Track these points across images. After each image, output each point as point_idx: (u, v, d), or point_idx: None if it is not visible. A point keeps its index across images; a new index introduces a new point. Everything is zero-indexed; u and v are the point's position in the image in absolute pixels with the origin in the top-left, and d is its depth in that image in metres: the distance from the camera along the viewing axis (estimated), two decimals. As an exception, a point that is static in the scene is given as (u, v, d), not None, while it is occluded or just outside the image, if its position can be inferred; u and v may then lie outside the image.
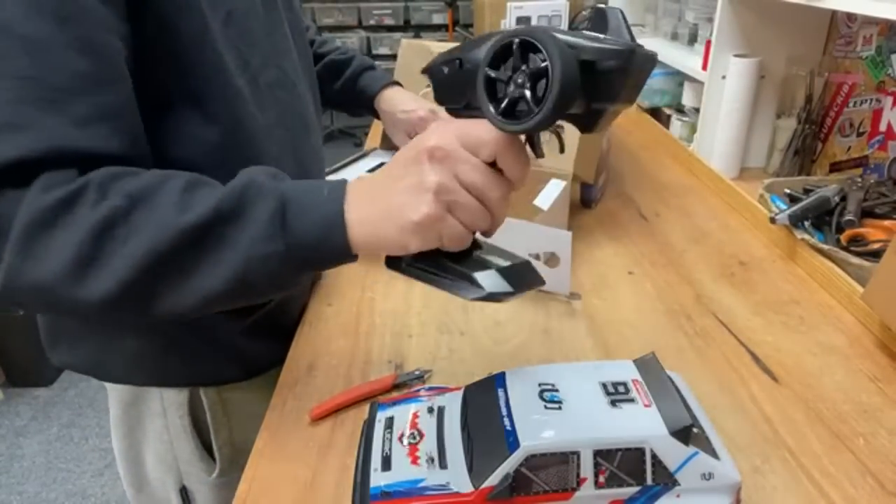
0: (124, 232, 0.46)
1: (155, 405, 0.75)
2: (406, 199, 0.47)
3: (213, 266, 0.47)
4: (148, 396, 0.75)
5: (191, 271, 0.48)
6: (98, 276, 0.46)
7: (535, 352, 0.73)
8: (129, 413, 0.76)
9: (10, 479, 1.85)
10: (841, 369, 0.68)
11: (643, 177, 1.23)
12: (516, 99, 0.44)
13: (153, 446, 0.77)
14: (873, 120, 1.19)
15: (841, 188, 0.97)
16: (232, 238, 0.47)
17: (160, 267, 0.47)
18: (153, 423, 0.76)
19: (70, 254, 0.45)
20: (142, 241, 0.46)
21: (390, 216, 0.47)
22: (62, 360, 0.74)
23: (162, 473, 0.78)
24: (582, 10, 2.19)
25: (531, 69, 0.43)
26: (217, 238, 0.47)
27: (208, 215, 0.47)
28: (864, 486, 0.55)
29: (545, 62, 0.42)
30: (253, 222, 0.48)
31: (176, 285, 0.48)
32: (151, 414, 0.75)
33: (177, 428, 0.75)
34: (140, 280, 0.47)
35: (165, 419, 0.75)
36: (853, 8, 0.89)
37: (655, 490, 0.46)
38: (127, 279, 0.46)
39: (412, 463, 0.49)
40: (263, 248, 0.47)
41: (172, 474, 0.78)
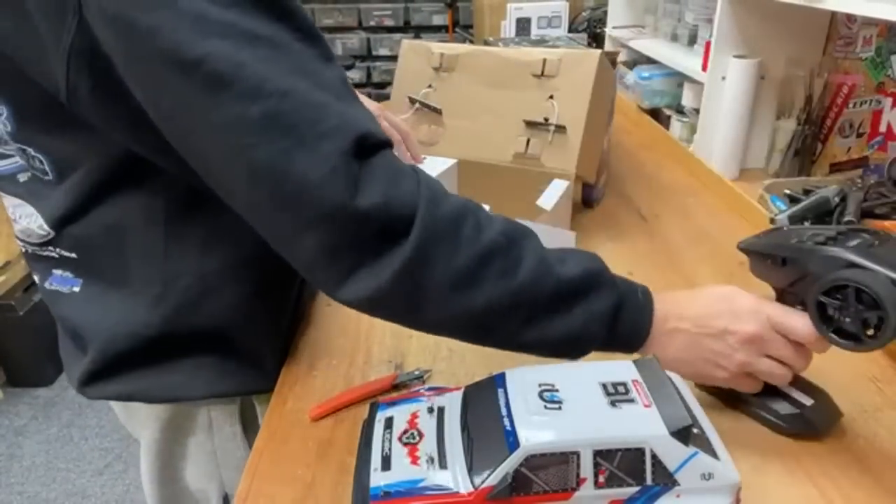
0: (503, 264, 0.51)
1: (202, 419, 0.73)
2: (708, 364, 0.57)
3: (560, 322, 0.53)
4: (195, 411, 0.73)
5: (540, 318, 0.53)
6: (469, 294, 0.51)
7: (535, 352, 0.73)
8: (167, 430, 0.74)
9: (10, 479, 1.85)
10: (841, 369, 0.68)
11: (643, 177, 1.23)
12: (847, 325, 0.50)
13: (195, 460, 0.76)
14: (873, 121, 1.20)
15: (841, 189, 0.98)
16: (582, 308, 0.54)
17: (525, 302, 0.52)
18: (197, 438, 0.74)
19: (457, 266, 0.50)
20: (519, 276, 0.51)
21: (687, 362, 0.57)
22: (105, 393, 0.69)
23: (203, 484, 0.77)
24: (582, 10, 2.19)
25: (864, 312, 0.48)
26: (578, 300, 0.53)
27: (582, 277, 0.54)
28: (864, 486, 0.55)
29: (880, 312, 0.47)
30: (598, 304, 0.54)
31: (521, 323, 0.53)
32: (197, 428, 0.74)
33: (225, 437, 0.74)
34: (500, 310, 0.52)
35: (211, 431, 0.74)
36: (853, 9, 0.89)
37: (655, 490, 0.46)
38: (491, 305, 0.51)
39: (412, 463, 0.49)
40: (594, 327, 0.54)
41: (215, 483, 0.77)
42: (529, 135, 0.97)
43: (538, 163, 0.96)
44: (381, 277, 0.49)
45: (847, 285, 0.48)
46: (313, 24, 0.52)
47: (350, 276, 0.50)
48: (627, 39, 1.72)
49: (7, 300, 2.05)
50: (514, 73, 0.99)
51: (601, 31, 1.96)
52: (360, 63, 4.31)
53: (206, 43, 0.45)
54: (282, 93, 0.47)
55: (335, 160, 0.47)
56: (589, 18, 2.13)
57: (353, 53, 4.30)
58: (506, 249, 0.52)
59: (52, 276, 0.66)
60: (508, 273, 0.51)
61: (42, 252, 0.65)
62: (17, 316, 2.05)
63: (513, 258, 0.52)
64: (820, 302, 0.51)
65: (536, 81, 0.98)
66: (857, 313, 0.48)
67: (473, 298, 0.51)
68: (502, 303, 0.51)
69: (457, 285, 0.50)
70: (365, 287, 0.50)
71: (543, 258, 0.53)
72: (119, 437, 1.96)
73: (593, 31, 2.07)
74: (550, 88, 0.97)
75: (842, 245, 0.52)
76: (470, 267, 0.50)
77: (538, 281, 0.52)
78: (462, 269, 0.50)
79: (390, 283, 0.49)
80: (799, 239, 0.55)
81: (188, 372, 0.68)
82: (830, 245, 0.52)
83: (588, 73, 0.95)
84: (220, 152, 0.49)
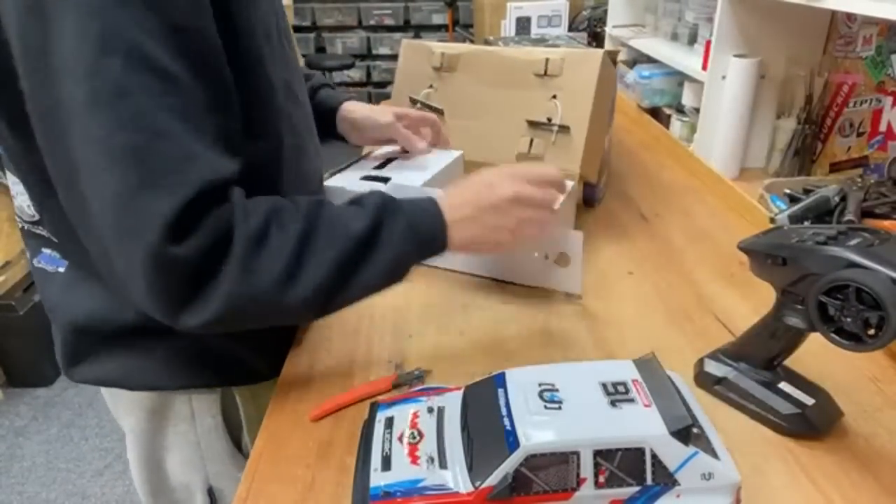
0: (314, 246, 0.57)
1: (183, 409, 0.75)
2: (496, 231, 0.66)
3: (375, 263, 0.60)
4: (176, 400, 0.74)
5: (361, 269, 0.59)
6: (301, 283, 0.56)
7: (535, 352, 0.73)
8: (151, 420, 0.75)
9: (10, 479, 1.85)
10: (841, 369, 0.68)
11: (643, 177, 1.23)
12: (848, 325, 0.50)
13: (178, 450, 0.77)
14: (873, 120, 1.19)
15: (841, 188, 0.98)
16: (387, 240, 0.60)
17: (344, 267, 0.58)
18: (178, 427, 0.76)
19: (280, 266, 0.55)
20: (331, 250, 0.58)
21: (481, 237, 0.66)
22: (85, 376, 0.72)
23: (187, 476, 0.78)
24: (582, 9, 2.19)
25: (865, 312, 0.48)
26: (378, 241, 0.60)
27: (372, 223, 0.60)
28: (864, 486, 0.55)
29: (881, 312, 0.47)
30: (397, 228, 0.61)
31: (351, 282, 0.59)
32: (178, 418, 0.75)
33: (207, 428, 0.76)
34: (330, 281, 0.58)
35: (194, 421, 0.76)
36: (853, 8, 0.89)
37: (655, 490, 0.46)
38: (322, 282, 0.57)
39: (412, 463, 0.49)
40: (405, 247, 0.61)
41: (199, 475, 0.78)
42: (532, 135, 0.97)
43: (541, 163, 0.96)
44: (212, 305, 0.54)
45: (848, 285, 0.48)
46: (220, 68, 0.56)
47: (183, 309, 0.54)
48: (627, 38, 1.72)
49: (7, 300, 2.06)
50: (517, 72, 0.99)
51: (601, 31, 1.96)
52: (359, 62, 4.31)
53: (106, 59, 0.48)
54: (153, 132, 0.50)
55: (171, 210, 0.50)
56: (589, 17, 2.13)
57: (353, 52, 4.30)
58: (310, 234, 0.57)
59: (42, 254, 0.70)
60: (320, 251, 0.57)
61: (34, 230, 0.68)
62: (18, 316, 2.05)
63: (319, 238, 0.58)
64: (821, 302, 0.51)
65: (539, 81, 0.98)
66: (858, 313, 0.48)
67: (304, 287, 0.56)
68: (328, 276, 0.57)
69: (284, 284, 0.56)
70: (200, 316, 0.54)
71: (340, 223, 0.60)
72: (119, 437, 1.96)
73: (593, 31, 2.07)
74: (553, 88, 0.97)
75: (842, 245, 0.52)
76: (288, 264, 0.56)
77: (345, 244, 0.58)
78: (282, 269, 0.55)
79: (223, 306, 0.54)
80: (799, 238, 0.55)
81: (164, 361, 0.71)
82: (831, 244, 0.52)
83: (591, 73, 0.94)
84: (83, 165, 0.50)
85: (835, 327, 0.51)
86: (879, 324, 0.47)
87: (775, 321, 0.59)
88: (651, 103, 1.59)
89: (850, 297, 0.48)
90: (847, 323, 0.49)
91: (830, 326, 0.51)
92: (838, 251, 0.51)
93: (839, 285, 0.49)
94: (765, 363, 0.62)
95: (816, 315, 0.51)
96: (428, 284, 0.86)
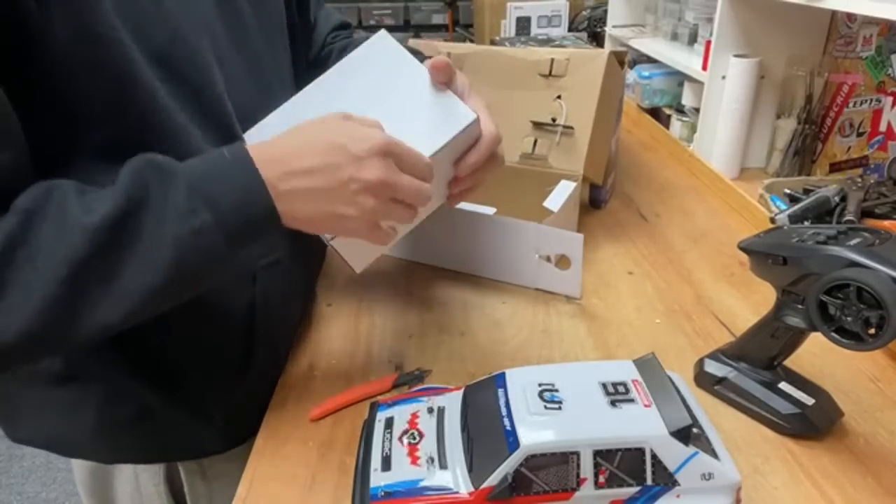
0: (27, 252, 0.42)
1: (125, 472, 0.69)
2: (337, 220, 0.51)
3: (141, 259, 0.44)
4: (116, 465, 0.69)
5: (117, 272, 0.44)
6: (9, 308, 0.41)
7: (535, 352, 0.73)
8: (95, 476, 0.70)
9: (10, 479, 1.85)
10: (841, 369, 0.68)
11: (643, 177, 1.23)
12: (849, 324, 0.50)
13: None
14: (873, 120, 1.19)
15: (841, 188, 0.98)
16: (152, 223, 0.44)
17: (80, 277, 0.42)
18: (123, 488, 0.70)
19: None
20: (53, 256, 0.42)
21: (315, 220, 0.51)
22: (19, 436, 0.65)
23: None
24: (582, 9, 2.19)
25: (866, 311, 0.48)
26: (135, 228, 0.44)
27: (119, 207, 0.43)
28: (864, 486, 0.55)
29: (881, 312, 0.47)
30: (170, 200, 0.44)
31: (103, 293, 0.44)
32: (121, 479, 0.70)
33: (150, 495, 0.70)
34: (60, 299, 0.42)
35: (137, 482, 0.69)
36: (853, 8, 0.89)
37: (655, 490, 0.46)
38: (45, 302, 0.42)
39: (412, 463, 0.49)
40: (189, 223, 0.44)
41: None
42: (537, 135, 0.97)
43: (545, 163, 0.96)
44: None
45: (849, 284, 0.48)
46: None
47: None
48: (627, 38, 1.72)
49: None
50: (522, 73, 0.99)
51: (601, 31, 1.96)
52: (359, 62, 4.31)
53: None
54: None
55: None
56: (589, 17, 2.12)
57: (353, 52, 4.30)
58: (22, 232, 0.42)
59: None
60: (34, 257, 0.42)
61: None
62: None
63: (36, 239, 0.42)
64: (821, 301, 0.51)
65: (544, 81, 0.98)
66: (859, 312, 0.48)
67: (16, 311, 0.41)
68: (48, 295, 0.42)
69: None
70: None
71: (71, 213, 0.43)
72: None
73: (593, 31, 2.07)
74: (558, 88, 0.96)
75: (842, 244, 0.52)
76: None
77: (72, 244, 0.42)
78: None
79: None
80: (799, 238, 0.55)
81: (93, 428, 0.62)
82: (831, 244, 0.52)
83: (596, 73, 0.94)
84: None
85: (835, 327, 0.51)
86: (880, 323, 0.47)
87: (775, 321, 0.59)
88: (651, 103, 1.59)
89: (850, 296, 0.48)
90: (847, 322, 0.49)
91: (831, 326, 0.51)
92: (838, 251, 0.51)
93: (840, 284, 0.49)
94: (765, 363, 0.62)
95: (817, 314, 0.51)
96: (428, 284, 0.86)
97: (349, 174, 0.49)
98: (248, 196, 0.46)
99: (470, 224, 0.84)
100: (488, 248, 0.85)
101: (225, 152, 0.48)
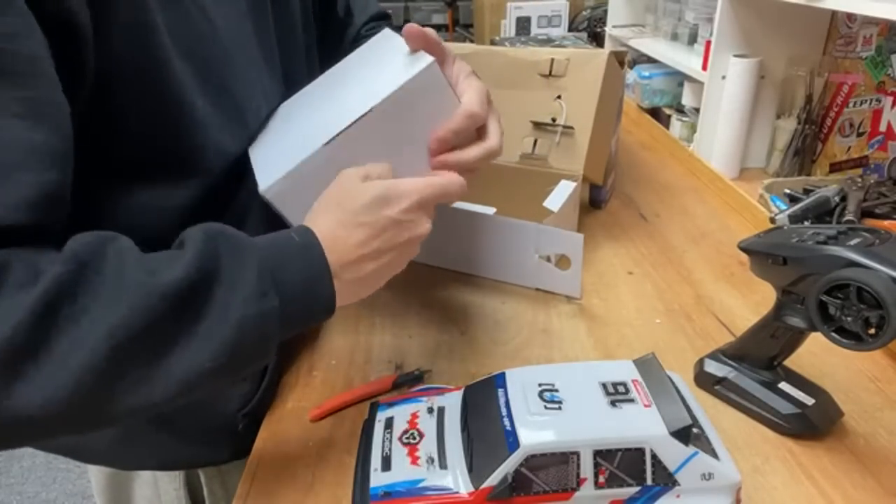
0: (73, 308, 0.36)
1: (145, 476, 0.70)
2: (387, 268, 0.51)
3: (200, 336, 0.39)
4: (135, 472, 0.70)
5: (171, 347, 0.39)
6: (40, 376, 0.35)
7: (535, 352, 0.73)
8: (113, 484, 0.71)
9: (10, 479, 1.85)
10: (841, 369, 0.68)
11: (643, 177, 1.23)
12: (849, 324, 0.50)
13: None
14: (873, 120, 1.20)
15: (841, 188, 0.98)
16: (222, 299, 0.40)
17: (131, 346, 0.37)
18: (142, 491, 0.71)
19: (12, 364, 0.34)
20: (103, 319, 0.36)
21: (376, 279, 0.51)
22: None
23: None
24: (582, 9, 2.19)
25: (866, 311, 0.48)
26: (204, 302, 0.40)
27: (190, 275, 0.39)
28: (864, 486, 0.55)
29: (881, 312, 0.47)
30: (241, 278, 0.41)
31: (148, 370, 0.38)
32: (141, 485, 0.70)
33: (170, 501, 0.70)
34: (100, 371, 0.36)
35: (157, 489, 0.70)
36: (853, 8, 0.89)
37: (655, 490, 0.46)
38: (82, 373, 0.35)
39: (412, 463, 0.49)
40: (259, 306, 0.41)
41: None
42: (536, 135, 0.97)
43: (545, 163, 0.96)
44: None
45: (849, 284, 0.48)
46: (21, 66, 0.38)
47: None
48: (627, 38, 1.72)
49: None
50: (522, 72, 0.99)
51: (601, 31, 1.96)
52: (360, 62, 4.30)
53: None
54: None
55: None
56: (589, 17, 2.12)
57: (353, 52, 4.30)
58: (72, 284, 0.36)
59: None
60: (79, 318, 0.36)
61: None
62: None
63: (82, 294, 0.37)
64: (821, 301, 0.51)
65: (544, 81, 0.98)
66: (859, 312, 0.48)
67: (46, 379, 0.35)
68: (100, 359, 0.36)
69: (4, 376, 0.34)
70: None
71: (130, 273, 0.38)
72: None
73: (593, 31, 2.07)
74: (558, 88, 0.96)
75: (842, 244, 0.52)
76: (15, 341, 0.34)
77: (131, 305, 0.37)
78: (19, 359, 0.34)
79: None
80: (799, 238, 0.55)
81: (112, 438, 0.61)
82: (831, 244, 0.52)
83: (596, 74, 0.94)
84: None
85: (835, 326, 0.51)
86: (880, 323, 0.47)
87: (775, 321, 0.59)
88: (651, 103, 1.59)
89: (850, 296, 0.48)
90: (847, 322, 0.49)
91: (831, 326, 0.51)
92: (838, 251, 0.51)
93: (840, 284, 0.49)
94: (765, 363, 0.62)
95: (817, 314, 0.51)
96: (428, 284, 0.86)
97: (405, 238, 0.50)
98: (314, 287, 0.45)
99: (470, 224, 0.84)
100: (488, 248, 0.85)
101: (294, 235, 0.46)
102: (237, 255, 0.42)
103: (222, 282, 0.41)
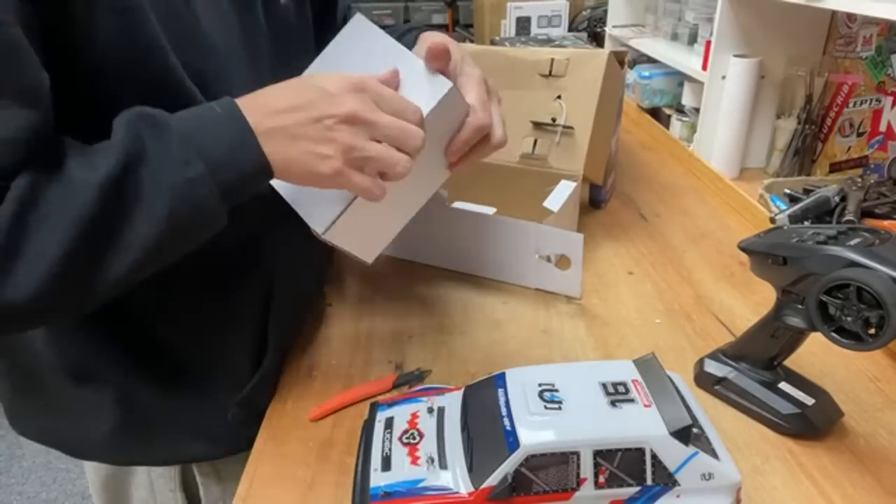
0: (38, 213, 0.43)
1: (140, 477, 0.70)
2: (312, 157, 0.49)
3: (141, 212, 0.45)
4: (131, 470, 0.70)
5: (121, 226, 0.45)
6: (25, 269, 0.43)
7: (535, 352, 0.73)
8: (110, 483, 0.72)
9: (10, 479, 1.85)
10: (841, 369, 0.68)
11: (643, 177, 1.23)
12: (849, 324, 0.50)
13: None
14: (873, 120, 1.19)
15: (841, 188, 0.98)
16: (150, 176, 0.45)
17: (90, 234, 0.44)
18: (139, 493, 0.71)
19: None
20: (63, 215, 0.43)
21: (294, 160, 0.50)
22: (26, 430, 0.67)
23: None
24: (582, 9, 2.19)
25: (866, 311, 0.48)
26: (137, 181, 0.45)
27: (119, 163, 0.44)
28: (864, 485, 0.55)
29: (881, 312, 0.47)
30: (165, 153, 0.45)
31: (111, 248, 0.45)
32: (136, 485, 0.71)
33: (166, 498, 0.71)
34: (73, 257, 0.44)
35: (152, 490, 0.71)
36: (853, 8, 0.89)
37: (655, 490, 0.46)
38: (59, 261, 0.43)
39: (412, 463, 0.49)
40: (184, 174, 0.45)
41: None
42: (537, 135, 0.97)
43: (545, 163, 0.96)
44: None
45: (849, 284, 0.48)
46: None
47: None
48: (627, 38, 1.72)
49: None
50: (522, 72, 0.99)
51: (601, 31, 1.96)
52: (360, 62, 4.30)
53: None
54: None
55: None
56: (589, 17, 2.12)
57: (353, 52, 4.30)
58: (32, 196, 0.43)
59: None
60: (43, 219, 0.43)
61: None
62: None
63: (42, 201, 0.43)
64: (821, 301, 0.51)
65: (544, 81, 0.98)
66: (859, 312, 0.48)
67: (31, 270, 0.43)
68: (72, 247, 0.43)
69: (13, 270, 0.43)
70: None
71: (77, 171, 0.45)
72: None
73: (593, 31, 2.07)
74: (558, 88, 0.96)
75: (842, 244, 0.52)
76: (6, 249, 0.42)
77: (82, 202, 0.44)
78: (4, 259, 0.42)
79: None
80: (799, 238, 0.55)
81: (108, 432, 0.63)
82: (831, 244, 0.52)
83: (596, 74, 0.94)
84: None
85: (835, 326, 0.51)
86: (880, 323, 0.47)
87: (775, 321, 0.59)
88: (651, 103, 1.59)
89: (850, 296, 0.48)
90: (847, 322, 0.49)
91: (831, 326, 0.51)
92: (838, 251, 0.51)
93: (840, 284, 0.49)
94: (765, 363, 0.62)
95: (817, 314, 0.51)
96: (428, 284, 0.86)
97: (322, 109, 0.49)
98: (239, 146, 0.48)
99: (470, 224, 0.84)
100: (488, 248, 0.85)
101: (215, 106, 0.48)
102: (158, 132, 0.46)
103: (149, 160, 0.45)
